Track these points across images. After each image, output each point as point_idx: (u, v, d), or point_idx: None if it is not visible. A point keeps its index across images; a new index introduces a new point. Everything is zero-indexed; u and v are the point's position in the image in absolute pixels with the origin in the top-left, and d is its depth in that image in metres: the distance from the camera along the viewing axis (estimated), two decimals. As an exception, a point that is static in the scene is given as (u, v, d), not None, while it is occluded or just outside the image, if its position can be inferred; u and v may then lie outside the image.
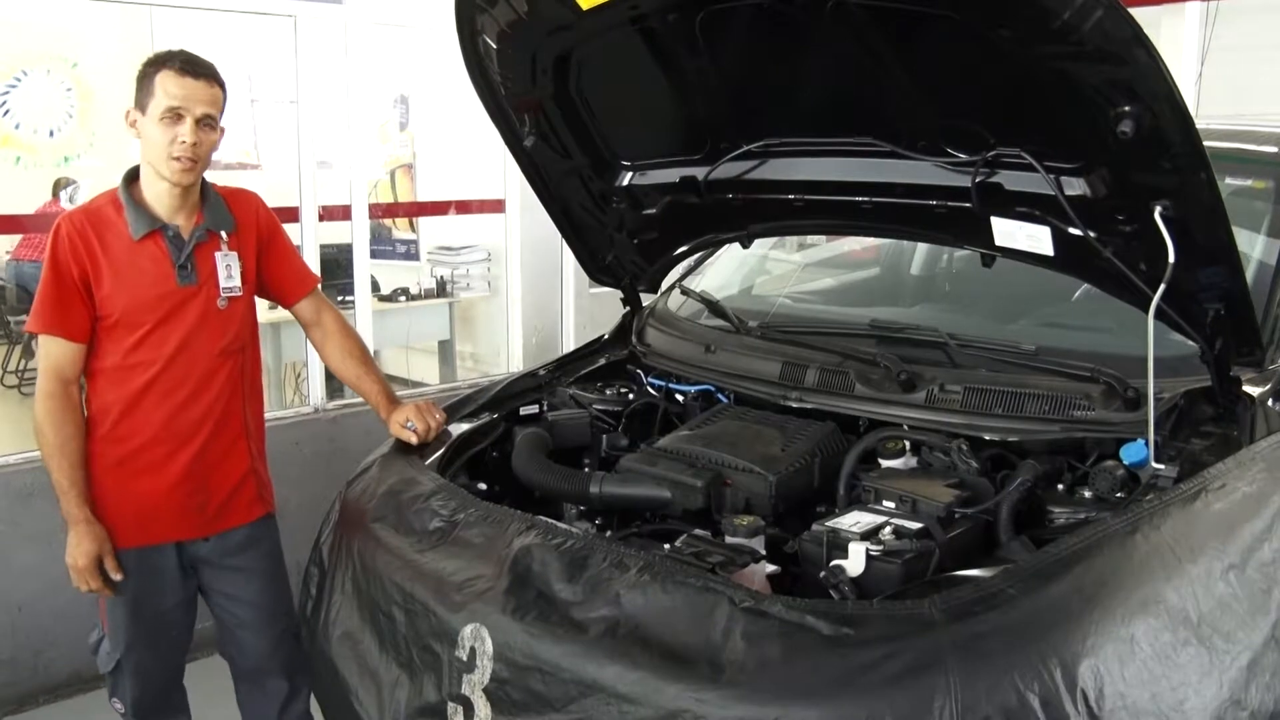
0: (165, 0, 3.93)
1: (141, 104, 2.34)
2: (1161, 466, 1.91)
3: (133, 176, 2.44)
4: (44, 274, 2.38)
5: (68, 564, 2.38)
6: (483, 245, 6.07)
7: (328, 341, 2.69)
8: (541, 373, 2.85)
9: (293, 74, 4.20)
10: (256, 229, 2.56)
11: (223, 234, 2.47)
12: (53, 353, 2.38)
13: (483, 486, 2.40)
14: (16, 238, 7.08)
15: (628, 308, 3.03)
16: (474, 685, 1.81)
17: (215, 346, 2.46)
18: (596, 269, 2.95)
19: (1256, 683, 1.62)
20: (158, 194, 2.40)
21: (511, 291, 5.29)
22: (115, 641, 2.50)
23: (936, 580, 1.75)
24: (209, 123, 2.35)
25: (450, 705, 1.85)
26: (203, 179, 2.46)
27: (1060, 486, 2.06)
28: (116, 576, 2.40)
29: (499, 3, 2.19)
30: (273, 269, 2.61)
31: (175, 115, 2.30)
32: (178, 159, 2.32)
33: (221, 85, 2.38)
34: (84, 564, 2.36)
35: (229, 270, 2.47)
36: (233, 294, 2.48)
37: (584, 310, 5.36)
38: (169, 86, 2.30)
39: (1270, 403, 2.07)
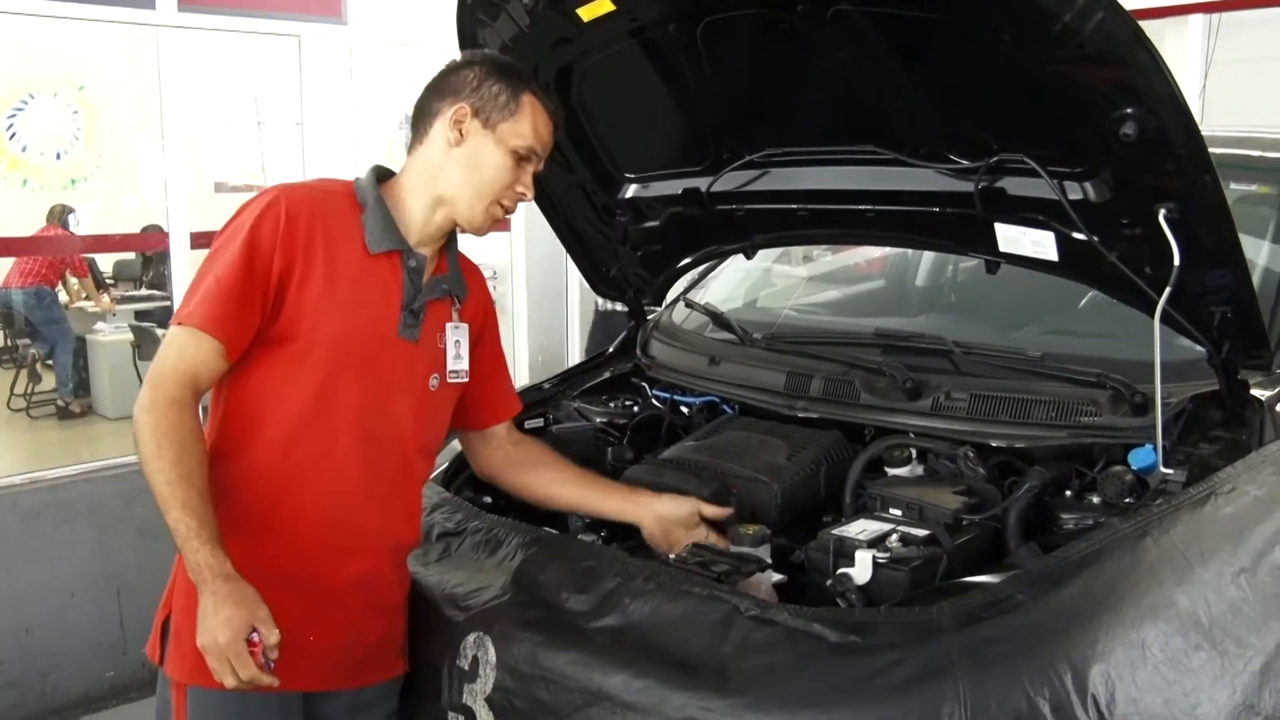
0: (171, 22, 3.95)
1: (488, 118, 1.83)
2: (1170, 471, 1.89)
3: (385, 176, 1.90)
4: (230, 255, 1.71)
5: (201, 646, 1.57)
6: (488, 264, 6.07)
7: (534, 472, 2.14)
8: (546, 386, 2.84)
9: (297, 95, 4.23)
10: (484, 311, 2.04)
11: (455, 300, 1.92)
12: (194, 356, 1.69)
13: (488, 500, 2.39)
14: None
15: (632, 321, 3.02)
16: (476, 695, 1.79)
17: (416, 440, 1.89)
18: (601, 282, 2.95)
19: (1270, 687, 1.59)
20: (425, 219, 1.86)
21: (517, 309, 5.31)
22: None
23: (945, 587, 1.73)
24: None
25: (451, 715, 1.84)
26: None
27: (1068, 492, 2.03)
28: (274, 653, 1.57)
29: (500, 16, 2.19)
30: (480, 369, 2.00)
31: (529, 157, 1.86)
32: (508, 206, 1.87)
33: None
34: (227, 639, 1.55)
35: (458, 347, 1.91)
36: (459, 379, 1.92)
37: (589, 328, 5.36)
38: (540, 124, 1.86)
39: (1279, 406, 2.06)
